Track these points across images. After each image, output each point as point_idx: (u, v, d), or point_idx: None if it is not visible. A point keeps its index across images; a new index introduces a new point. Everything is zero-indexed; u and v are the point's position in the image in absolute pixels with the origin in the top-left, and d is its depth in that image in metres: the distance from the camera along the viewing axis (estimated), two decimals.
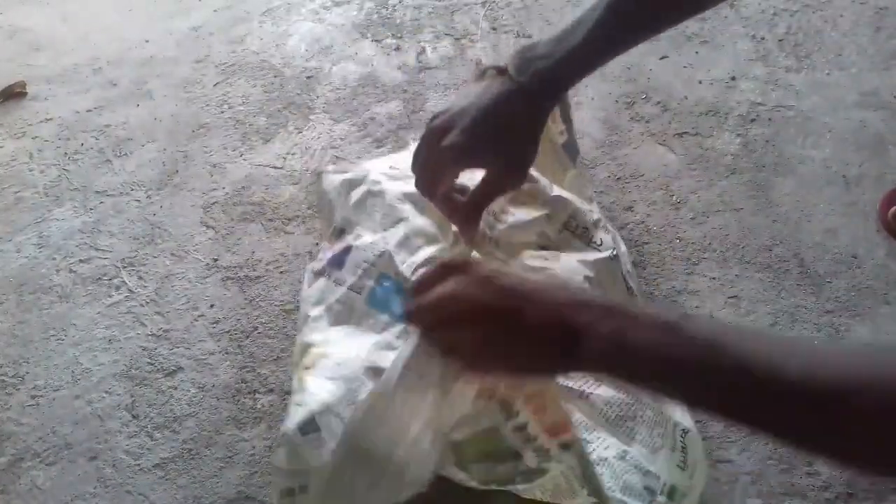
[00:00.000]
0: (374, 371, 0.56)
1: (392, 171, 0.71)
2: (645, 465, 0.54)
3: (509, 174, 0.56)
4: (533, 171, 0.64)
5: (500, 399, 0.52)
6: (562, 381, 0.57)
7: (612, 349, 0.38)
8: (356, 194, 0.70)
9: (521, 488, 0.53)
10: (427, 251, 0.61)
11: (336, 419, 0.54)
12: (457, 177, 0.59)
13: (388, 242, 0.63)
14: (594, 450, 0.54)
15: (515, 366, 0.43)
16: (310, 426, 0.53)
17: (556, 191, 0.66)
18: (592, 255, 0.64)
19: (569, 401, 0.56)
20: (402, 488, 0.49)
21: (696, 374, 0.35)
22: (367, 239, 0.65)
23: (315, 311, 0.65)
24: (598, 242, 0.65)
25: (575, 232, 0.65)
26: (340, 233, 0.70)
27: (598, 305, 0.39)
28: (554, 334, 0.39)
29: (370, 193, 0.69)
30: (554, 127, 0.69)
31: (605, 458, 0.54)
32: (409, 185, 0.68)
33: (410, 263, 0.61)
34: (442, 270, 0.45)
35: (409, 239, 0.63)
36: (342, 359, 0.58)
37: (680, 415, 0.58)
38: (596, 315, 0.38)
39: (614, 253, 0.64)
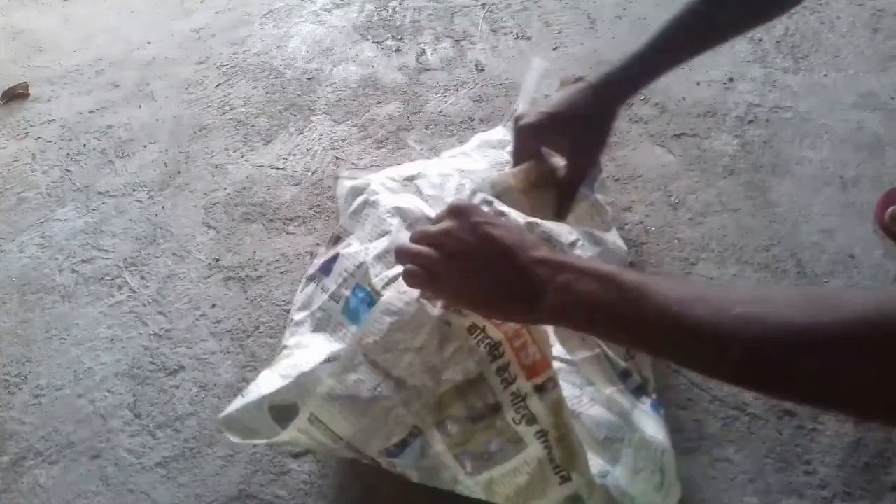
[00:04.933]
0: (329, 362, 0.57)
1: (392, 182, 0.71)
2: (623, 486, 0.54)
3: (578, 156, 0.67)
4: (502, 206, 0.64)
5: (488, 343, 0.53)
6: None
7: (563, 301, 0.42)
8: (356, 203, 0.71)
9: (496, 471, 0.53)
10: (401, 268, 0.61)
11: (274, 411, 0.56)
12: (536, 153, 0.68)
13: (368, 254, 0.63)
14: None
15: (487, 306, 0.47)
16: (241, 414, 0.57)
17: (528, 219, 0.65)
18: None
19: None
20: (395, 409, 0.52)
21: (626, 319, 0.40)
22: (353, 248, 0.65)
23: (298, 316, 0.65)
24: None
25: None
26: (336, 240, 0.70)
27: (556, 262, 0.44)
28: (520, 286, 0.44)
29: (367, 203, 0.69)
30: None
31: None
32: (403, 199, 0.68)
33: (383, 277, 0.61)
34: (449, 211, 0.49)
35: (388, 253, 0.62)
36: (301, 360, 0.59)
37: (663, 436, 0.58)
38: (553, 270, 0.43)
39: None
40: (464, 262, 0.46)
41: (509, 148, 0.75)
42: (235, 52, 1.24)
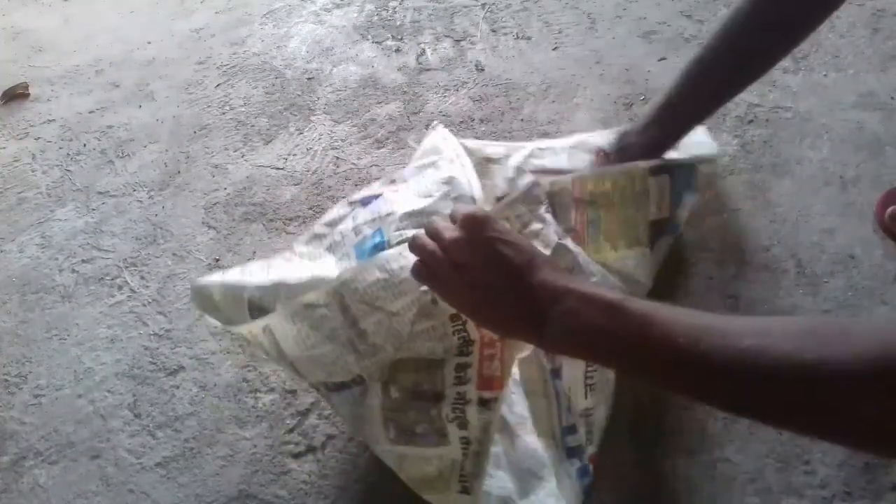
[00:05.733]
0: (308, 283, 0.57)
1: (460, 157, 0.70)
2: None
3: None
4: (546, 215, 0.63)
5: (463, 337, 0.53)
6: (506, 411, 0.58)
7: (567, 327, 0.42)
8: (426, 160, 0.70)
9: (412, 451, 0.54)
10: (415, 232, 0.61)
11: (251, 305, 0.57)
12: None
13: (402, 207, 0.63)
14: (492, 486, 0.55)
15: (487, 321, 0.47)
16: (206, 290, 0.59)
17: (564, 241, 0.64)
18: None
19: (501, 432, 0.58)
20: (347, 355, 0.53)
21: (630, 347, 0.39)
22: (396, 195, 0.65)
23: (320, 230, 0.65)
24: None
25: None
26: (391, 182, 0.70)
27: (561, 287, 0.43)
28: (524, 308, 0.44)
29: (433, 164, 0.69)
30: (657, 202, 0.71)
31: (489, 494, 0.55)
32: (460, 170, 0.66)
33: (401, 234, 0.60)
34: (462, 220, 0.48)
35: (420, 215, 0.61)
36: (292, 269, 0.59)
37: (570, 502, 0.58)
38: (558, 295, 0.43)
39: None
40: (469, 274, 0.46)
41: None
42: (235, 52, 1.24)
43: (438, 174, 0.66)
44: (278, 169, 1.00)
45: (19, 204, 1.01)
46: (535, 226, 0.62)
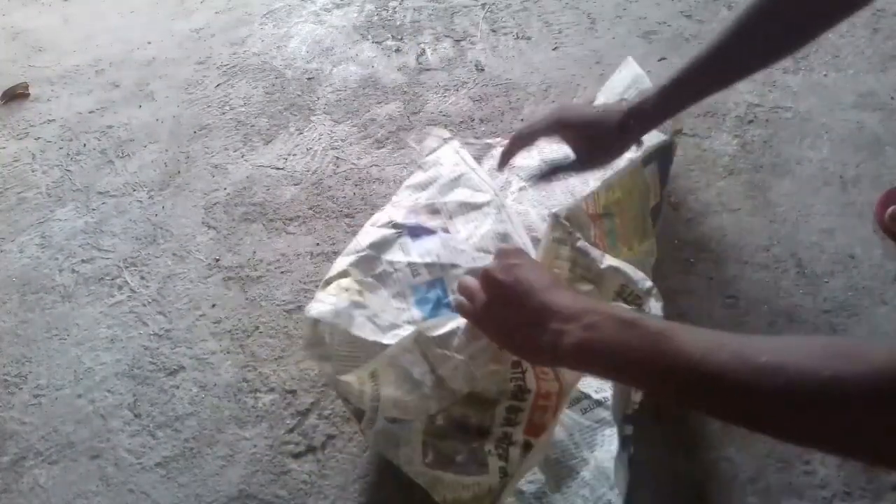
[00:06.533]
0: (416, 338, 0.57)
1: (506, 207, 0.71)
2: None
3: (586, 164, 0.70)
4: (582, 244, 0.63)
5: (518, 385, 0.54)
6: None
7: (584, 342, 0.43)
8: (467, 195, 0.69)
9: (449, 477, 0.55)
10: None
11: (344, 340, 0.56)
12: (538, 135, 0.69)
13: (464, 261, 0.62)
14: (523, 482, 0.56)
15: (507, 342, 0.49)
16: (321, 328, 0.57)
17: (608, 261, 0.64)
18: None
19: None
20: (428, 400, 0.54)
21: (646, 363, 0.40)
22: (454, 242, 0.64)
23: (368, 252, 0.64)
24: (648, 311, 0.64)
25: (628, 299, 0.65)
26: (434, 211, 0.69)
27: (579, 306, 0.45)
28: (541, 327, 0.45)
29: (479, 208, 0.68)
30: (654, 190, 0.72)
31: (523, 492, 0.56)
32: (511, 227, 0.67)
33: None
34: (495, 253, 0.53)
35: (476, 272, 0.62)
36: (377, 310, 0.59)
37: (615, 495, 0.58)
38: (576, 313, 0.44)
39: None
40: (496, 300, 0.49)
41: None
42: (235, 52, 1.24)
43: (489, 225, 0.66)
44: (278, 169, 1.00)
45: (19, 204, 1.01)
46: (582, 260, 0.63)
